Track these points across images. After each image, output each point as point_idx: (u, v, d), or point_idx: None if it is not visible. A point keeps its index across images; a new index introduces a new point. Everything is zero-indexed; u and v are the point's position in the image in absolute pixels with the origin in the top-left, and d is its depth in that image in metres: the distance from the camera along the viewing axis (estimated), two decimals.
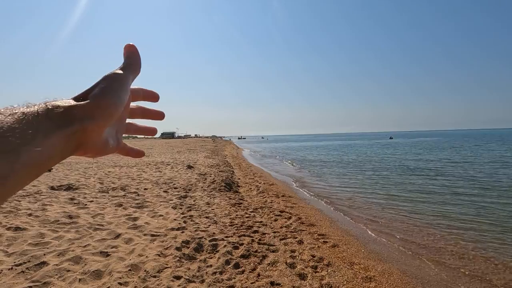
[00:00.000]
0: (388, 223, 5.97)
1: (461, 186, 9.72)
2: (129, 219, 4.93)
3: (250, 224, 5.09)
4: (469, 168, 14.29)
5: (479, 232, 5.30)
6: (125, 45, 0.38)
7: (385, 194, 8.78)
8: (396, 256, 4.23)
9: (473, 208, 6.93)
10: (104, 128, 0.33)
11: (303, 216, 5.89)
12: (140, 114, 0.44)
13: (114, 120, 0.34)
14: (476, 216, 6.27)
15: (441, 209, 6.96)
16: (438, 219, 6.16)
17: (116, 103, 0.33)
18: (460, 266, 3.99)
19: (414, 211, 6.81)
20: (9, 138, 0.24)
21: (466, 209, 6.82)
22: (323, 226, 5.37)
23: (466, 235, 5.16)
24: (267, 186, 9.42)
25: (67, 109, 0.29)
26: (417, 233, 5.30)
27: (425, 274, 3.69)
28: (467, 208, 6.91)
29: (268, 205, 6.72)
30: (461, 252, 4.43)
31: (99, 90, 0.32)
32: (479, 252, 4.43)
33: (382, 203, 7.75)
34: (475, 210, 6.74)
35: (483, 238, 4.98)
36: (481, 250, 4.52)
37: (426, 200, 7.91)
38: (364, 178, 12.25)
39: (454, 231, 5.36)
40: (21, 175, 0.25)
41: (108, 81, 0.34)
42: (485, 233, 5.24)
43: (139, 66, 0.38)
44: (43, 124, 0.27)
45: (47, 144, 0.27)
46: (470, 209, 6.81)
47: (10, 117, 0.25)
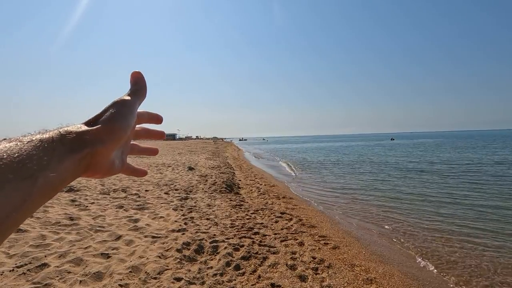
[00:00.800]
0: (390, 225, 5.95)
1: (467, 189, 9.69)
2: (130, 221, 4.94)
3: (251, 225, 5.09)
4: (477, 170, 14.25)
5: (484, 236, 5.28)
6: (132, 72, 0.41)
7: (387, 196, 8.75)
8: (397, 258, 4.22)
9: (476, 211, 6.90)
10: (113, 151, 0.35)
11: (304, 217, 5.89)
12: (144, 135, 0.47)
13: (122, 143, 0.36)
14: (482, 220, 6.25)
15: (446, 211, 6.93)
16: (441, 222, 6.13)
17: (124, 128, 0.35)
18: (463, 269, 3.97)
19: (417, 214, 6.78)
20: (28, 165, 0.25)
21: (471, 212, 6.80)
22: (324, 227, 5.36)
23: (471, 238, 5.14)
24: (268, 187, 9.42)
25: (79, 134, 0.31)
26: (419, 236, 5.28)
27: (426, 276, 3.68)
28: (471, 211, 6.89)
29: (269, 206, 6.71)
30: (464, 255, 4.41)
31: (109, 115, 0.34)
32: (483, 255, 4.41)
33: (384, 205, 7.73)
34: (478, 213, 6.72)
35: (488, 241, 4.96)
36: (485, 253, 4.50)
37: (428, 202, 7.88)
38: (365, 180, 12.23)
39: (460, 235, 5.34)
40: (37, 199, 0.26)
41: (117, 106, 0.36)
42: (490, 237, 5.21)
43: (145, 91, 0.41)
44: (57, 149, 0.28)
45: (61, 169, 0.28)
46: (473, 212, 6.78)
47: (28, 144, 0.27)
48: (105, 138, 0.33)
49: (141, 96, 0.40)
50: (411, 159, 21.33)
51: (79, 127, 0.32)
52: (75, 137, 0.31)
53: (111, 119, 0.34)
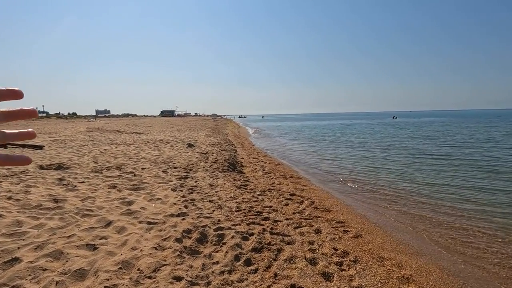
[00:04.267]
0: (408, 208, 5.43)
1: (491, 170, 9.15)
2: (123, 203, 4.37)
3: (259, 209, 4.54)
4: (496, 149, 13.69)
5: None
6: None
7: (401, 178, 8.21)
8: (428, 248, 3.70)
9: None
10: None
11: (316, 200, 5.34)
12: (8, 117, 0.40)
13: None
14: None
15: (474, 195, 6.41)
16: (468, 204, 5.62)
17: None
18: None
19: (437, 196, 6.26)
20: None
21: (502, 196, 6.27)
22: (340, 211, 4.82)
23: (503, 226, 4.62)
24: (273, 166, 8.85)
25: None
26: (443, 222, 4.76)
27: (467, 272, 3.17)
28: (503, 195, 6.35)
29: (277, 187, 6.16)
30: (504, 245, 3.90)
31: None
32: None
33: (399, 187, 7.19)
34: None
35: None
36: None
37: (448, 184, 7.35)
38: (376, 159, 11.67)
39: (490, 220, 4.82)
40: None
41: None
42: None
43: None
44: None
45: None
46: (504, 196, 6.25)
47: None
48: None
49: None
50: (418, 136, 20.72)
51: None
52: None
53: None
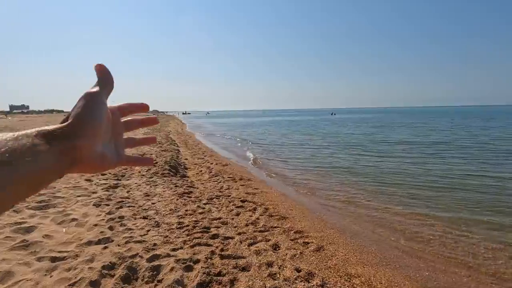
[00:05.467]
0: (363, 208, 5.31)
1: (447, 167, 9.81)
2: (18, 231, 3.22)
3: (206, 224, 3.82)
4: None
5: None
6: (95, 65, 0.41)
7: (352, 175, 8.29)
8: (390, 254, 3.46)
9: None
10: (94, 143, 0.36)
11: (270, 205, 4.83)
12: (136, 125, 0.48)
13: (100, 134, 0.37)
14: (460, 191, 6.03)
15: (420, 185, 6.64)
16: (419, 201, 5.74)
17: (92, 118, 0.36)
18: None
19: (388, 192, 6.33)
20: (5, 154, 0.27)
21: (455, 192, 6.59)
22: (297, 218, 4.39)
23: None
24: (221, 167, 8.14)
25: (53, 130, 0.33)
26: (399, 223, 4.70)
27: (433, 280, 2.97)
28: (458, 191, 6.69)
29: (226, 192, 5.49)
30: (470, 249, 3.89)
31: (77, 110, 0.36)
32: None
33: (349, 183, 7.17)
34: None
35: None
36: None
37: (398, 181, 7.59)
38: (322, 155, 11.81)
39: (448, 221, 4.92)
40: (20, 186, 0.28)
41: (83, 100, 0.37)
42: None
43: (110, 81, 0.41)
44: (35, 142, 0.31)
45: (41, 159, 0.30)
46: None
47: (3, 138, 0.29)
48: (78, 132, 0.34)
49: (105, 86, 0.40)
50: (370, 133, 22.13)
51: (53, 126, 0.34)
52: (48, 133, 0.32)
53: (79, 113, 0.35)
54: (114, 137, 0.43)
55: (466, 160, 9.79)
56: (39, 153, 0.30)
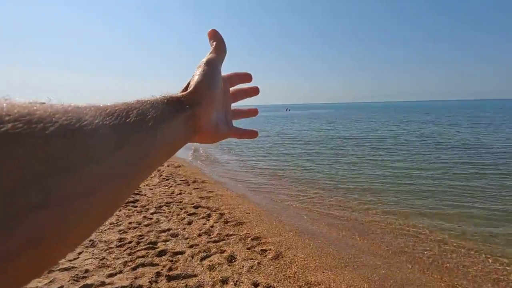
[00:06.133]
0: (317, 205, 5.31)
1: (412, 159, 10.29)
2: None
3: (152, 238, 3.39)
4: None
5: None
6: (208, 31, 0.42)
7: (306, 170, 8.35)
8: (348, 253, 3.42)
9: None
10: (210, 111, 0.36)
11: (225, 210, 4.53)
12: (242, 95, 0.48)
13: (215, 103, 0.37)
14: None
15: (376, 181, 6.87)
16: (373, 196, 5.91)
17: (211, 86, 0.36)
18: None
19: (343, 188, 6.45)
20: (147, 118, 0.27)
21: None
22: (254, 221, 4.16)
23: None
24: (173, 169, 7.59)
25: (179, 98, 0.33)
26: (356, 219, 4.76)
27: (390, 279, 2.97)
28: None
29: (177, 198, 5.05)
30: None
31: (196, 78, 0.36)
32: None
33: (305, 181, 7.19)
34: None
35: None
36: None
37: (353, 177, 7.81)
38: (278, 152, 11.83)
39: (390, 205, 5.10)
40: (159, 151, 0.28)
41: (201, 68, 0.37)
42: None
43: (224, 48, 0.41)
44: (166, 109, 0.30)
45: (173, 125, 0.30)
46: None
47: (144, 104, 0.28)
48: (199, 99, 0.34)
49: (220, 52, 0.40)
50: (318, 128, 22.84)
51: (177, 93, 0.34)
52: (176, 100, 0.32)
53: (198, 80, 0.36)
54: (225, 107, 0.42)
55: (412, 154, 10.60)
56: (172, 120, 0.30)
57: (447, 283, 2.95)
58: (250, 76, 0.47)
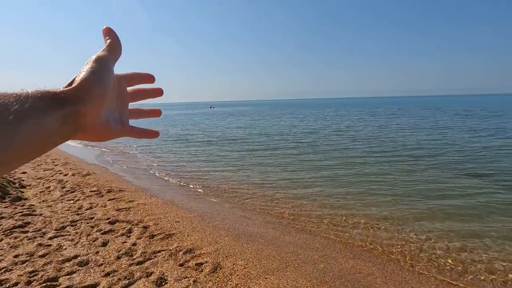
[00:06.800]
0: (251, 202, 5.16)
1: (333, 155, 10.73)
2: None
3: (51, 273, 2.62)
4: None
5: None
6: (103, 29, 0.41)
7: (236, 168, 8.15)
8: (287, 251, 3.32)
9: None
10: (98, 109, 0.34)
11: (150, 222, 3.93)
12: (141, 95, 0.46)
13: (104, 101, 0.35)
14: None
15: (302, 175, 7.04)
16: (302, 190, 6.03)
17: (99, 84, 0.34)
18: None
19: (274, 183, 6.46)
20: (6, 114, 0.26)
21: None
22: (185, 231, 3.70)
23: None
24: (80, 178, 6.35)
25: (56, 93, 0.31)
26: (289, 213, 4.76)
27: (329, 273, 2.98)
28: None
29: (87, 214, 4.16)
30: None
31: (83, 74, 0.34)
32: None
33: (237, 178, 6.99)
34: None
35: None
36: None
37: (281, 171, 7.91)
38: (205, 151, 11.34)
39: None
40: (22, 147, 0.27)
41: (90, 64, 0.35)
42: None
43: (118, 47, 0.40)
44: (37, 104, 0.29)
45: (43, 122, 0.29)
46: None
47: (7, 97, 0.27)
48: (84, 97, 0.33)
49: (113, 51, 0.39)
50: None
51: (56, 89, 0.32)
52: (52, 95, 0.31)
53: (84, 77, 0.34)
54: (120, 106, 0.41)
55: (330, 146, 11.54)
56: (44, 116, 0.29)
57: (378, 267, 3.13)
58: (152, 77, 0.47)
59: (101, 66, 0.36)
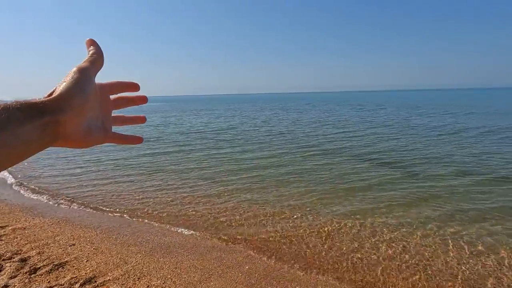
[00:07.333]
0: (164, 207, 4.70)
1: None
2: None
3: None
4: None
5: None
6: (86, 40, 0.42)
7: (146, 170, 7.36)
8: (209, 260, 3.08)
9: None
10: (78, 118, 0.35)
11: (32, 251, 3.06)
12: (125, 103, 0.47)
13: (85, 110, 0.36)
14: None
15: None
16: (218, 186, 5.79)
17: (79, 94, 0.35)
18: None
19: (190, 183, 6.04)
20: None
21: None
22: (83, 255, 3.02)
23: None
24: None
25: (35, 103, 0.32)
26: (208, 215, 4.50)
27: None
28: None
29: None
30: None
31: (64, 84, 0.35)
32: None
33: (144, 181, 6.29)
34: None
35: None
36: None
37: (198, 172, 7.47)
38: (107, 154, 9.93)
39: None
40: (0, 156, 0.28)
41: (71, 75, 0.36)
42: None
43: (100, 58, 0.41)
44: (15, 114, 0.29)
45: (20, 132, 0.29)
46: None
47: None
48: (64, 106, 0.33)
49: (95, 61, 0.40)
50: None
51: (37, 99, 0.33)
52: (31, 105, 0.31)
53: (65, 87, 0.34)
54: (102, 114, 0.42)
55: (247, 142, 11.67)
56: (20, 126, 0.29)
57: (299, 259, 3.21)
58: (136, 86, 0.47)
59: (81, 76, 0.36)
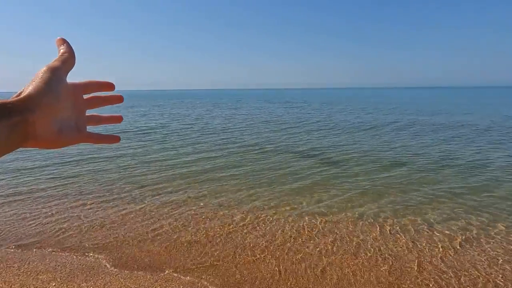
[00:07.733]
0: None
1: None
2: None
3: None
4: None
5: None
6: (56, 39, 0.42)
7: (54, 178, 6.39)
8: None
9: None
10: (48, 118, 0.35)
11: None
12: (100, 102, 0.46)
13: (55, 109, 0.36)
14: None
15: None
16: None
17: (48, 93, 0.35)
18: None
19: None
20: None
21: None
22: None
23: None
24: None
25: (3, 104, 0.31)
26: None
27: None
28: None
29: None
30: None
31: (33, 84, 0.35)
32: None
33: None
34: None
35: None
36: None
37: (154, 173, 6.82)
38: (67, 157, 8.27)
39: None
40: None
41: (40, 74, 0.36)
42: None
43: (71, 57, 0.41)
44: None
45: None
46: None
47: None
48: (32, 106, 0.33)
49: (67, 61, 0.40)
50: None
51: (5, 99, 0.32)
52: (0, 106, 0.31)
53: (34, 87, 0.34)
54: (75, 114, 0.41)
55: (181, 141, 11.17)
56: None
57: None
58: (112, 85, 0.47)
59: (51, 76, 0.36)
